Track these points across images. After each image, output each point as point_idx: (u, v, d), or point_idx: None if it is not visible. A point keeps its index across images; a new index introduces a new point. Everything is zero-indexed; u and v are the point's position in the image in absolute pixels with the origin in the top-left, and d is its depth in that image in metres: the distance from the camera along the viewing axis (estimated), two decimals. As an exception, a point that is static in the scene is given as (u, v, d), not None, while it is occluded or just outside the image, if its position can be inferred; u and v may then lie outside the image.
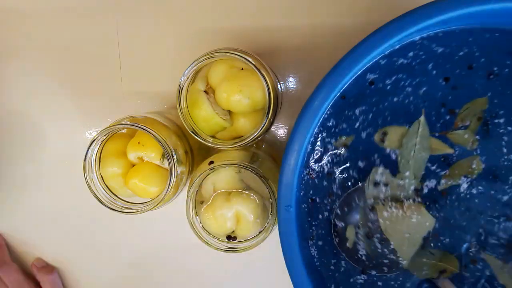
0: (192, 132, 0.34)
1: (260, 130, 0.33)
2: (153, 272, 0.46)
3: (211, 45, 0.40)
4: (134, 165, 0.36)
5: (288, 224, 0.32)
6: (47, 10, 0.43)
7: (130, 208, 0.35)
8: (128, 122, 0.33)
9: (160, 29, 0.42)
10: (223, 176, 0.35)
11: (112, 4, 0.42)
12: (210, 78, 0.34)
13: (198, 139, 0.34)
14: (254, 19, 0.41)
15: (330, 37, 0.40)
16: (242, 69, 0.34)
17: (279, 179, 0.31)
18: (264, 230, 0.34)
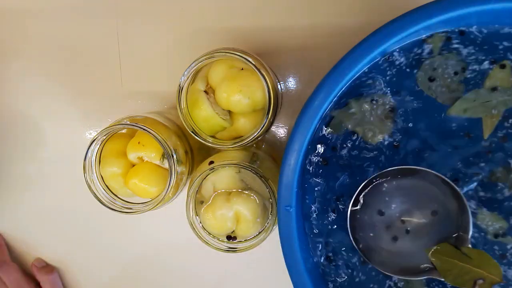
0: (192, 132, 0.34)
1: (260, 130, 0.33)
2: (153, 272, 0.46)
3: (211, 45, 0.40)
4: (134, 165, 0.36)
5: (288, 224, 0.32)
6: (47, 11, 0.43)
7: (130, 208, 0.35)
8: (128, 122, 0.33)
9: (160, 29, 0.42)
10: (223, 176, 0.35)
11: (112, 4, 0.42)
12: (210, 78, 0.34)
13: (198, 139, 0.34)
14: (254, 19, 0.41)
15: (330, 37, 0.40)
16: (242, 69, 0.34)
17: (279, 179, 0.31)
18: (264, 230, 0.34)
